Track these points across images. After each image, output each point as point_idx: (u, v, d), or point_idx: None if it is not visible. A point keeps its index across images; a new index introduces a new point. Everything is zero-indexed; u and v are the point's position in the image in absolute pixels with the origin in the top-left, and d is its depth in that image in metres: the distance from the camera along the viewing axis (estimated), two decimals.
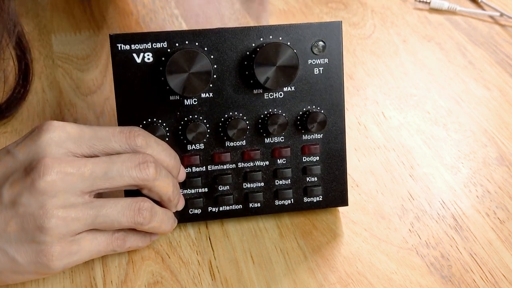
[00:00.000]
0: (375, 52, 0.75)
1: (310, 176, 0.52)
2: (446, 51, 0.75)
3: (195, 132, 0.49)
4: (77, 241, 0.44)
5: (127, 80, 0.49)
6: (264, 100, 0.50)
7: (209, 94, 0.50)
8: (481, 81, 0.70)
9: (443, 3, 0.83)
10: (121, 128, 0.46)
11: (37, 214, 0.42)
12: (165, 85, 0.49)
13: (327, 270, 0.48)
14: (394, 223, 0.53)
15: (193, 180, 0.50)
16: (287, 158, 0.51)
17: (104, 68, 0.71)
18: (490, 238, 0.51)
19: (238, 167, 0.51)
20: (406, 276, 0.48)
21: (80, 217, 0.43)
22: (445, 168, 0.58)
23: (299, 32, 0.50)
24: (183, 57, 0.47)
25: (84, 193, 0.44)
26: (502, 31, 0.79)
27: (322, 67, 0.51)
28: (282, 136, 0.51)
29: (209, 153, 0.51)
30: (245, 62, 0.49)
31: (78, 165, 0.43)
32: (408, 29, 0.79)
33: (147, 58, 0.48)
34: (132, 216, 0.45)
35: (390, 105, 0.66)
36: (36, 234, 0.42)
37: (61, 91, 0.68)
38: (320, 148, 0.52)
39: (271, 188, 0.52)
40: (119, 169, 0.44)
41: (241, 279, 0.48)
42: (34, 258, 0.43)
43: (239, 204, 0.52)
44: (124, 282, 0.48)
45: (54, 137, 0.44)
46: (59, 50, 0.75)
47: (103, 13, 0.82)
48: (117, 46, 0.48)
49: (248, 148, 0.51)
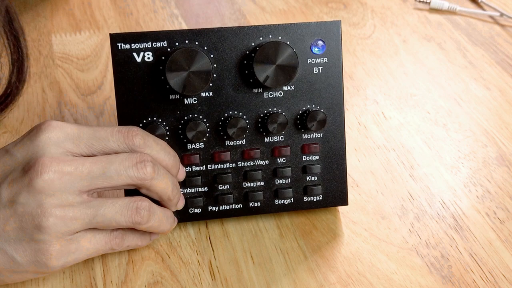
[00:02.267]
0: (375, 52, 0.75)
1: (310, 175, 0.52)
2: (446, 51, 0.75)
3: (195, 131, 0.49)
4: (75, 240, 0.44)
5: (127, 79, 0.49)
6: (264, 99, 0.50)
7: (209, 93, 0.50)
8: (481, 81, 0.70)
9: (443, 3, 0.83)
10: (120, 128, 0.46)
11: (35, 213, 0.42)
12: (165, 84, 0.49)
13: (327, 270, 0.48)
14: (394, 223, 0.53)
15: (193, 179, 0.50)
16: (287, 157, 0.51)
17: (104, 68, 0.71)
18: (490, 238, 0.51)
19: (238, 166, 0.51)
20: (406, 276, 0.48)
21: (78, 216, 0.43)
22: (445, 168, 0.58)
23: (299, 31, 0.50)
24: (183, 56, 0.47)
25: (82, 192, 0.44)
26: (502, 31, 0.79)
27: (321, 66, 0.51)
28: (282, 135, 0.51)
29: (209, 152, 0.51)
30: (244, 61, 0.50)
31: (76, 164, 0.43)
32: (408, 29, 0.79)
33: (147, 57, 0.48)
34: (130, 215, 0.45)
35: (390, 105, 0.66)
36: (34, 233, 0.42)
37: (61, 91, 0.68)
38: (320, 147, 0.52)
39: (271, 187, 0.52)
40: (116, 168, 0.44)
41: (241, 279, 0.48)
42: (33, 257, 0.43)
43: (239, 204, 0.52)
44: (124, 282, 0.48)
45: (53, 136, 0.44)
46: (59, 50, 0.75)
47: (103, 13, 0.82)
48: (117, 45, 0.48)
49: (248, 147, 0.51)
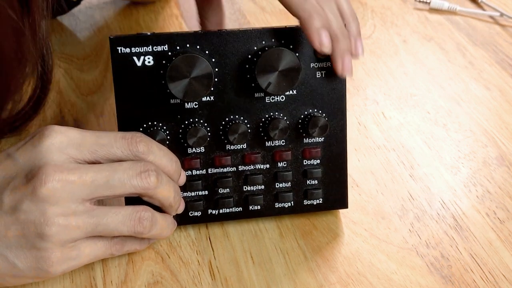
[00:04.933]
0: (375, 52, 0.75)
1: (311, 179, 0.52)
2: (446, 51, 0.75)
3: (196, 137, 0.48)
4: (76, 247, 0.44)
5: (128, 83, 0.48)
6: (265, 104, 0.50)
7: (210, 98, 0.49)
8: (481, 81, 0.70)
9: (443, 3, 0.83)
10: (123, 134, 0.46)
11: (38, 221, 0.42)
12: (165, 88, 0.48)
13: (327, 270, 0.48)
14: (394, 223, 0.53)
15: (194, 183, 0.50)
16: (288, 161, 0.51)
17: (104, 68, 0.71)
18: (490, 238, 0.51)
19: (238, 170, 0.51)
20: (406, 276, 0.48)
21: (81, 225, 0.43)
22: (445, 168, 0.58)
23: (302, 35, 0.49)
24: (184, 62, 0.46)
25: (85, 200, 0.44)
26: (502, 31, 0.79)
27: (324, 70, 0.50)
28: (283, 140, 0.51)
29: (210, 156, 0.50)
30: (246, 66, 0.49)
31: (79, 173, 0.43)
32: (408, 29, 0.79)
33: (148, 61, 0.48)
34: (132, 225, 0.45)
35: (390, 105, 0.66)
36: (36, 241, 0.42)
37: (61, 91, 0.68)
38: (321, 151, 0.51)
39: (272, 191, 0.52)
40: (120, 177, 0.44)
41: (241, 279, 0.48)
42: (34, 264, 0.43)
43: (239, 207, 0.51)
44: (124, 282, 0.48)
45: (56, 143, 0.43)
46: (59, 50, 0.75)
47: (103, 13, 0.82)
48: (117, 49, 0.47)
49: (249, 152, 0.50)
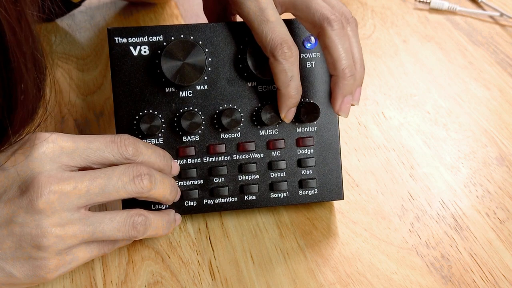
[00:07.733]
0: (375, 52, 0.75)
1: (305, 169, 0.52)
2: (446, 51, 0.75)
3: (190, 121, 0.50)
4: (72, 252, 0.44)
5: (124, 72, 0.50)
6: (258, 93, 0.51)
7: (204, 86, 0.51)
8: (481, 81, 0.70)
9: (443, 3, 0.83)
10: (112, 138, 0.46)
11: (34, 233, 0.42)
12: (161, 77, 0.50)
13: (327, 270, 0.48)
14: (394, 223, 0.53)
15: (188, 171, 0.51)
16: (281, 150, 0.52)
17: (104, 68, 0.71)
18: (490, 238, 0.51)
19: (233, 159, 0.52)
20: (406, 276, 0.48)
21: (77, 234, 0.44)
22: (445, 168, 0.58)
23: (292, 27, 0.51)
24: (179, 47, 0.48)
25: (80, 207, 0.44)
26: (502, 31, 0.79)
27: (314, 61, 0.52)
28: (277, 128, 0.52)
29: (204, 144, 0.51)
30: (239, 56, 0.51)
31: (74, 182, 0.43)
32: (408, 29, 0.79)
33: (144, 51, 0.50)
34: (127, 231, 0.45)
35: (390, 105, 0.66)
36: (33, 251, 0.42)
37: (61, 91, 0.68)
38: (314, 140, 0.52)
39: (266, 180, 0.52)
40: (115, 184, 0.44)
41: (241, 279, 0.48)
42: (31, 272, 0.43)
43: (234, 197, 0.52)
44: (124, 282, 0.48)
45: (48, 152, 0.43)
46: (59, 50, 0.75)
47: (103, 13, 0.82)
48: (114, 39, 0.50)
49: (243, 140, 0.51)
